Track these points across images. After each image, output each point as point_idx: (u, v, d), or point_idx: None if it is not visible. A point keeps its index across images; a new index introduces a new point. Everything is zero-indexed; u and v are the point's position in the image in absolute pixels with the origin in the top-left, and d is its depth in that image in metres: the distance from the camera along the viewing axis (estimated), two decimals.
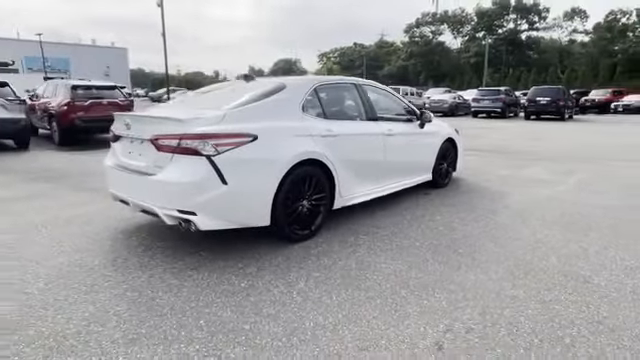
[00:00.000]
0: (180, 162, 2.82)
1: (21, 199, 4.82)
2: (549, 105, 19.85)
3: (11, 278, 2.74)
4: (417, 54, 57.61)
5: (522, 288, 2.65)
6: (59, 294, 2.53)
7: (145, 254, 3.16)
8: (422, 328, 2.19)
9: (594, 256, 3.18)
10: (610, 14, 41.51)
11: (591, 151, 9.24)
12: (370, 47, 71.54)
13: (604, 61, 39.84)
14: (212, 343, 2.04)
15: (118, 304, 2.41)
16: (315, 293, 2.57)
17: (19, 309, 2.35)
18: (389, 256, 3.16)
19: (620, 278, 2.80)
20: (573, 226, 3.89)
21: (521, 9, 50.63)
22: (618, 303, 2.46)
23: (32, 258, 3.07)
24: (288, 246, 3.32)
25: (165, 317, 2.28)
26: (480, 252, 3.25)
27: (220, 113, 2.98)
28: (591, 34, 44.14)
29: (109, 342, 2.04)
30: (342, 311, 2.36)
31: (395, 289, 2.63)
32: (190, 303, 2.43)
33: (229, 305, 2.41)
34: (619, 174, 6.50)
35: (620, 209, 4.48)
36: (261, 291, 2.59)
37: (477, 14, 53.92)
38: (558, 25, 50.32)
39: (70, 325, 2.19)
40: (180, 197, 2.81)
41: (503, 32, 51.64)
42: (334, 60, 76.49)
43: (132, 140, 3.25)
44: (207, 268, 2.91)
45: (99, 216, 4.12)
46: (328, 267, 2.96)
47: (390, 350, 2.00)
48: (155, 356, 1.94)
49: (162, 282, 2.70)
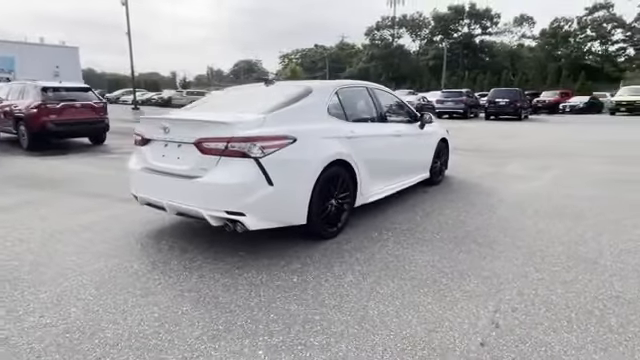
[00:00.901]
0: (228, 164, 2.89)
1: (20, 207, 4.61)
2: (507, 106, 21.14)
3: (59, 285, 2.70)
4: (378, 56, 59.00)
5: (544, 272, 2.96)
6: (116, 298, 2.53)
7: (183, 257, 3.19)
8: (474, 310, 2.43)
9: (592, 241, 3.58)
10: (554, 21, 44.78)
11: (556, 148, 10.03)
12: (331, 49, 72.39)
13: (550, 65, 42.84)
14: (292, 334, 2.17)
15: (182, 304, 2.47)
16: (365, 285, 2.74)
17: (84, 314, 2.34)
18: (417, 249, 3.39)
19: (621, 259, 3.19)
20: (566, 216, 4.31)
21: (474, 14, 53.32)
22: (627, 280, 2.83)
23: (67, 266, 3.02)
24: (319, 243, 3.47)
25: (235, 314, 2.37)
26: (496, 242, 3.56)
27: (261, 116, 3.09)
28: (538, 39, 47.35)
29: (193, 339, 2.11)
30: (397, 299, 2.55)
31: (435, 278, 2.86)
32: (252, 300, 2.53)
33: (291, 299, 2.53)
34: (588, 169, 7.16)
35: (601, 199, 4.99)
36: (314, 285, 2.73)
37: (434, 18, 56.16)
38: (509, 30, 53.62)
39: (144, 326, 2.23)
40: (229, 198, 2.88)
41: (459, 36, 54.14)
42: (296, 61, 76.67)
43: (166, 144, 3.27)
44: (252, 267, 3.00)
45: (113, 222, 4.05)
46: (366, 261, 3.14)
47: (456, 330, 2.22)
48: (244, 348, 2.04)
49: (215, 282, 2.77)
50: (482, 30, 54.17)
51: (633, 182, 5.99)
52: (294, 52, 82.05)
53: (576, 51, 42.87)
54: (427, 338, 2.14)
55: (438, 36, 57.65)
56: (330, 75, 64.02)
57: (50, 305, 2.45)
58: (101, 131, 10.32)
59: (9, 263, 3.06)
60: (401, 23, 60.12)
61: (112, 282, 2.76)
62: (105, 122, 10.20)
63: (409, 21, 59.47)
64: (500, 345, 2.09)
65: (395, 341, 2.11)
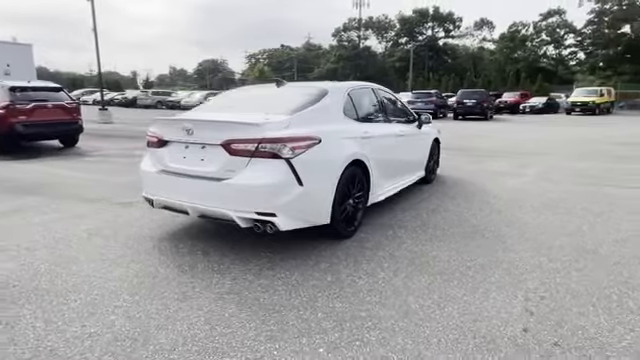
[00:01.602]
0: (258, 165, 2.89)
1: (10, 214, 4.35)
2: (475, 107, 22.04)
3: (87, 293, 2.60)
4: (346, 57, 59.63)
5: (556, 262, 3.17)
6: (155, 304, 2.48)
7: (208, 260, 3.15)
8: (506, 300, 2.57)
9: (588, 233, 3.86)
10: (512, 26, 47.09)
11: (527, 147, 10.59)
12: (298, 49, 72.40)
13: (509, 67, 44.97)
14: (345, 331, 2.22)
15: (225, 307, 2.45)
16: (398, 280, 2.83)
17: (127, 322, 2.28)
18: (434, 245, 3.52)
19: (617, 248, 3.46)
20: (558, 210, 4.61)
21: (438, 18, 55.09)
22: (629, 267, 3.08)
23: (88, 273, 2.91)
24: (339, 243, 3.52)
25: (282, 314, 2.38)
26: (503, 236, 3.76)
27: (287, 117, 3.10)
28: (498, 43, 49.57)
29: (250, 341, 2.11)
30: (433, 293, 2.65)
31: (461, 271, 2.99)
32: (294, 299, 2.55)
33: (332, 297, 2.58)
34: (562, 166, 7.63)
35: (582, 194, 5.36)
36: (349, 283, 2.79)
37: (399, 21, 57.48)
38: (470, 34, 55.89)
39: (196, 330, 2.20)
40: (260, 199, 2.88)
41: (423, 39, 55.71)
42: (263, 61, 76.02)
43: (187, 145, 3.21)
44: (282, 267, 3.02)
45: (119, 226, 3.92)
46: (390, 258, 3.23)
47: (496, 319, 2.35)
48: (304, 347, 2.07)
49: (250, 283, 2.76)
50: (445, 33, 56.11)
51: (604, 178, 6.47)
52: (261, 52, 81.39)
53: (533, 54, 45.31)
54: (474, 327, 2.26)
55: (403, 38, 59.05)
56: (298, 76, 64.06)
57: (87, 314, 2.36)
58: (75, 133, 9.86)
59: (23, 273, 2.90)
60: (367, 25, 61.10)
61: (143, 288, 2.69)
62: (79, 124, 9.75)
63: (375, 23, 60.54)
64: (540, 330, 2.23)
65: (445, 332, 2.21)
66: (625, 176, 6.61)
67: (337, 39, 62.40)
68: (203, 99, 32.44)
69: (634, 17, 35.99)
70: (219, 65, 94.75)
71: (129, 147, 10.21)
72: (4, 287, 2.68)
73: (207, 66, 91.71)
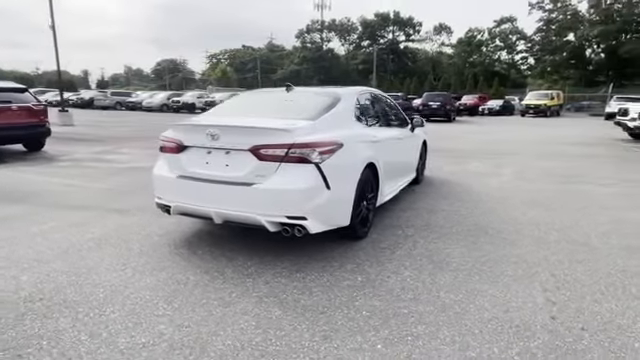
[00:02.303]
0: (288, 170, 2.94)
1: (4, 222, 4.09)
2: (439, 109, 22.94)
3: (122, 303, 2.54)
4: (309, 59, 59.86)
5: (557, 255, 3.45)
6: (198, 311, 2.47)
7: (233, 264, 3.16)
8: (527, 291, 2.79)
9: (575, 227, 4.21)
10: (469, 31, 49.35)
11: (495, 148, 11.22)
12: (261, 50, 71.75)
13: (467, 71, 47.09)
14: (394, 327, 2.33)
15: (270, 310, 2.49)
16: (424, 278, 2.98)
17: (177, 330, 2.26)
18: (445, 243, 3.72)
19: (605, 240, 3.81)
20: (542, 207, 4.97)
21: (399, 22, 56.65)
22: (621, 257, 3.41)
23: (115, 283, 2.83)
24: (355, 244, 3.63)
25: (328, 314, 2.46)
26: (504, 232, 4.02)
27: (311, 123, 3.18)
28: (455, 47, 51.77)
29: (308, 342, 2.17)
30: (461, 288, 2.82)
31: (478, 267, 3.19)
32: (334, 300, 2.63)
33: (370, 296, 2.68)
34: (532, 165, 8.17)
35: (559, 192, 5.80)
36: (380, 282, 2.90)
37: (362, 24, 58.51)
38: (429, 38, 57.85)
39: (250, 334, 2.23)
40: (291, 203, 2.93)
41: (385, 42, 57.08)
42: (225, 62, 74.70)
43: (210, 151, 3.19)
44: (310, 269, 3.08)
45: (127, 234, 3.82)
46: (409, 257, 3.38)
47: (524, 309, 2.55)
48: (363, 344, 2.16)
49: (285, 286, 2.81)
50: (406, 37, 57.77)
51: (570, 176, 7.02)
52: (222, 52, 79.83)
53: (488, 59, 47.75)
54: (507, 318, 2.44)
55: (366, 41, 60.15)
56: (261, 77, 63.55)
57: (131, 324, 2.31)
58: (42, 137, 9.33)
59: (44, 285, 2.78)
60: (331, 27, 61.69)
61: (180, 295, 2.66)
62: (46, 127, 9.23)
63: (338, 26, 61.25)
64: (566, 317, 2.45)
65: (484, 323, 2.38)
66: (587, 174, 7.20)
67: (301, 40, 62.58)
68: (166, 99, 31.51)
69: (577, 26, 38.91)
70: (179, 65, 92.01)
71: (98, 151, 9.81)
72: (30, 301, 2.56)
73: (166, 66, 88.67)
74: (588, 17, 38.33)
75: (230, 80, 60.42)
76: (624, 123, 13.01)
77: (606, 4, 37.30)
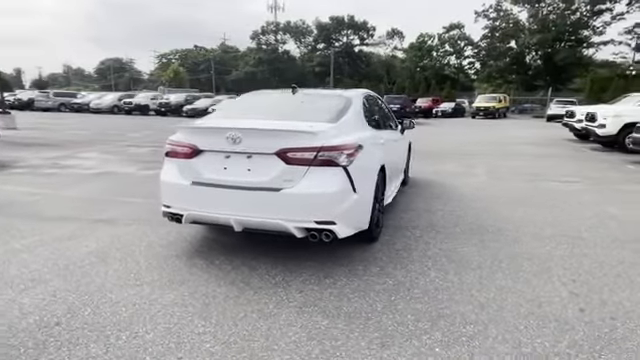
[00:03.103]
0: (317, 174, 2.86)
1: None
2: (399, 111, 23.52)
3: (153, 323, 2.34)
4: (265, 61, 59.35)
5: (560, 249, 3.65)
6: (241, 325, 2.34)
7: (257, 274, 3.03)
8: (549, 285, 2.92)
9: (565, 223, 4.48)
10: (420, 36, 51.29)
11: (461, 148, 11.73)
12: (215, 51, 70.03)
13: (418, 74, 48.90)
14: (444, 328, 2.34)
15: (315, 319, 2.41)
16: (451, 277, 3.03)
17: (227, 348, 2.12)
18: (454, 242, 3.80)
19: (595, 233, 4.09)
20: (527, 204, 5.25)
21: (353, 26, 57.71)
22: (615, 249, 3.68)
23: (137, 301, 2.61)
24: (369, 246, 3.61)
25: (375, 320, 2.42)
26: (503, 230, 4.19)
27: (334, 125, 3.12)
28: (407, 51, 53.61)
29: (367, 349, 2.13)
30: (489, 285, 2.90)
31: (495, 264, 3.30)
32: (375, 305, 2.60)
33: (409, 300, 2.68)
34: (500, 165, 8.63)
35: (534, 190, 6.17)
36: (411, 284, 2.91)
37: (317, 27, 58.93)
38: (383, 42, 59.44)
39: (307, 347, 2.14)
40: (320, 208, 2.86)
41: (340, 45, 57.89)
42: (176, 62, 72.01)
43: (228, 155, 3.03)
44: (338, 275, 3.03)
45: (125, 246, 3.55)
46: (428, 257, 3.42)
47: (554, 303, 2.66)
48: (420, 348, 2.15)
49: (320, 294, 2.74)
50: (360, 41, 58.98)
51: (536, 174, 7.50)
52: (173, 52, 76.92)
53: (438, 63, 49.94)
54: (542, 312, 2.54)
55: (321, 44, 60.64)
56: (216, 78, 62.03)
57: (173, 345, 2.14)
58: None
59: (54, 308, 2.50)
60: (286, 29, 61.54)
61: (213, 310, 2.51)
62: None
63: (293, 28, 61.23)
64: (593, 308, 2.60)
65: (525, 319, 2.46)
66: (550, 173, 7.73)
67: (256, 42, 61.81)
68: (117, 101, 29.79)
69: (518, 34, 41.80)
70: (125, 65, 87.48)
71: (55, 156, 9.06)
72: (45, 326, 2.29)
73: (111, 65, 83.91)
74: (528, 26, 41.30)
75: (183, 81, 58.28)
76: (571, 124, 14.12)
77: (542, 14, 40.38)
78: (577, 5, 39.29)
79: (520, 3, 40.99)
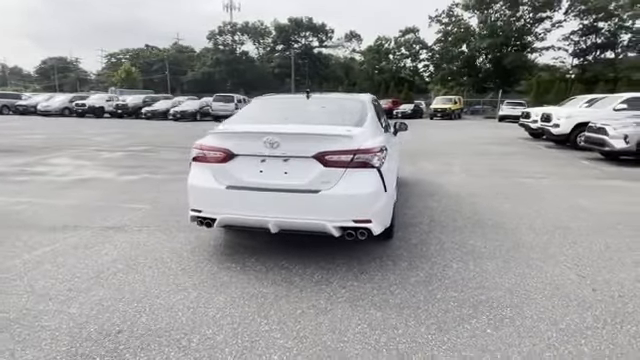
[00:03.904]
0: (354, 175, 3.02)
1: None
2: None
3: (220, 324, 2.39)
4: (223, 62, 58.22)
5: (555, 238, 4.05)
6: (304, 322, 2.46)
7: (296, 273, 3.14)
8: (558, 270, 3.27)
9: (549, 214, 4.94)
10: (378, 39, 52.67)
11: (433, 148, 12.31)
12: (168, 51, 67.69)
13: (377, 77, 50.20)
14: (487, 313, 2.59)
15: (369, 312, 2.57)
16: (472, 267, 3.31)
17: (300, 343, 2.23)
18: (462, 235, 4.11)
19: (579, 223, 4.56)
20: (511, 199, 5.71)
21: (312, 28, 58.08)
22: (600, 236, 4.14)
23: (188, 305, 2.64)
24: (387, 243, 3.82)
25: (424, 309, 2.63)
26: (500, 223, 4.56)
27: (362, 129, 3.30)
28: (365, 54, 54.83)
29: (427, 334, 2.32)
30: (509, 272, 3.20)
31: (505, 253, 3.62)
32: (417, 295, 2.81)
33: (445, 289, 2.91)
34: (473, 162, 9.20)
35: (511, 185, 6.69)
36: (442, 275, 3.15)
37: (275, 28, 58.70)
38: (342, 45, 60.33)
39: (374, 337, 2.30)
40: (358, 208, 3.02)
41: (299, 47, 58.07)
42: (127, 62, 68.84)
43: (264, 159, 3.11)
44: (372, 270, 3.21)
45: (150, 252, 3.51)
46: (445, 250, 3.68)
47: (569, 285, 3.00)
48: (475, 330, 2.37)
49: (363, 288, 2.90)
50: (319, 43, 59.47)
51: (508, 171, 8.11)
52: (123, 52, 73.44)
53: (395, 66, 51.55)
54: (562, 293, 2.87)
55: (280, 45, 60.48)
56: (171, 79, 59.99)
57: (248, 344, 2.23)
58: None
59: (107, 316, 2.47)
60: (244, 30, 60.73)
61: (270, 309, 2.60)
62: None
63: (251, 29, 60.56)
64: (602, 288, 2.96)
65: (550, 300, 2.77)
66: (520, 169, 8.38)
67: (213, 42, 60.46)
68: (68, 102, 28.07)
69: (469, 39, 44.09)
70: (69, 64, 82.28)
71: (20, 163, 8.54)
72: (110, 334, 2.27)
73: (54, 65, 78.64)
74: (478, 31, 43.63)
75: (135, 81, 55.85)
76: (527, 125, 15.24)
77: (491, 20, 42.88)
78: (521, 13, 42.11)
79: (470, 9, 43.20)
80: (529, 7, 41.26)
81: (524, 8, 41.68)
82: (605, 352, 2.20)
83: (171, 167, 8.14)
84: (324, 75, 55.51)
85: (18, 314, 2.48)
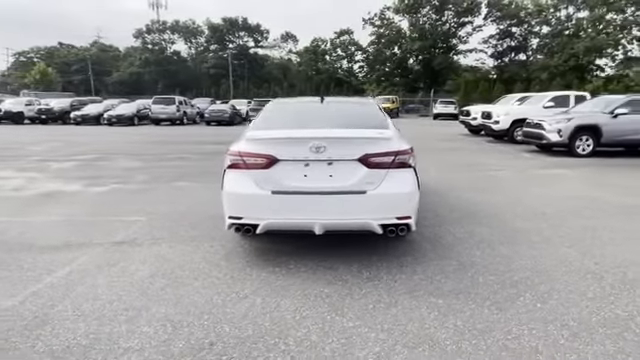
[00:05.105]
0: (395, 175, 3.22)
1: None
2: None
3: (310, 329, 2.46)
4: (152, 62, 55.16)
5: (542, 223, 4.61)
6: (381, 317, 2.61)
7: (346, 272, 3.27)
8: (561, 250, 3.77)
9: (524, 202, 5.58)
10: (314, 40, 53.49)
11: None
12: (89, 50, 62.39)
13: (315, 78, 50.98)
14: (529, 290, 2.94)
15: (432, 301, 2.81)
16: (489, 251, 3.68)
17: (389, 334, 2.39)
18: (464, 226, 4.50)
19: (554, 209, 5.21)
20: (485, 190, 6.32)
21: (247, 28, 57.22)
22: (570, 217, 4.79)
23: (259, 311, 2.67)
24: (407, 238, 4.08)
25: (475, 293, 2.91)
26: (492, 214, 5.05)
27: (391, 131, 3.51)
28: (302, 55, 55.37)
29: (489, 315, 2.61)
30: (524, 256, 3.62)
31: (511, 239, 4.06)
32: (465, 281, 3.10)
33: (481, 273, 3.24)
34: (434, 159, 9.87)
35: (483, 179, 7.38)
36: (470, 263, 3.47)
37: (209, 28, 56.91)
38: (278, 45, 60.17)
39: (449, 323, 2.53)
40: (400, 205, 3.24)
41: (234, 47, 56.85)
42: (40, 61, 62.28)
43: (307, 163, 3.20)
44: (414, 264, 3.45)
45: (186, 263, 3.43)
46: (459, 240, 4.04)
47: (575, 261, 3.49)
48: (525, 307, 2.70)
49: (412, 280, 3.13)
50: (255, 43, 58.77)
51: (469, 165, 8.91)
52: (34, 50, 66.28)
53: (332, 67, 52.79)
54: (574, 268, 3.33)
55: (214, 45, 58.74)
56: (94, 80, 55.43)
57: (344, 340, 2.33)
58: None
59: (188, 330, 2.42)
60: (174, 29, 58.07)
61: (341, 307, 2.72)
62: None
63: (182, 27, 58.11)
64: (602, 262, 3.49)
65: (569, 275, 3.21)
66: (478, 163, 9.20)
67: (141, 41, 57.00)
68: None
69: (401, 41, 46.57)
70: None
71: None
72: (204, 348, 2.24)
73: None
74: (409, 34, 46.25)
75: (52, 83, 50.78)
76: (468, 122, 16.59)
77: (420, 24, 45.68)
78: (446, 17, 45.40)
79: (401, 13, 45.64)
80: (453, 12, 44.58)
81: (449, 13, 44.96)
82: (633, 312, 2.64)
83: (137, 176, 7.72)
84: (261, 76, 54.98)
85: (87, 339, 2.33)
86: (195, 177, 7.53)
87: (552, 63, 37.73)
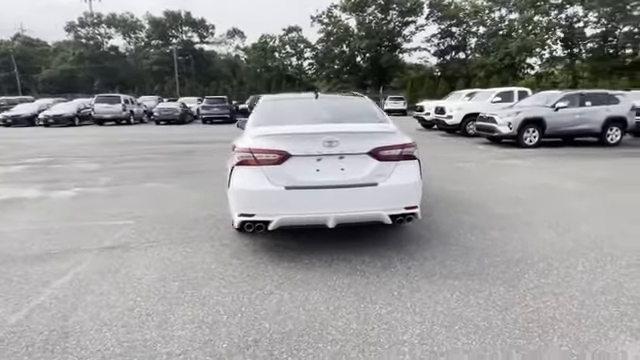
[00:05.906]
0: (402, 167, 3.35)
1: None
2: None
3: (345, 323, 2.51)
4: (88, 57, 51.41)
5: (521, 208, 5.00)
6: (409, 302, 2.72)
7: (357, 263, 3.35)
8: (546, 232, 4.13)
9: (499, 190, 6.02)
10: (262, 37, 52.76)
11: None
12: (12, 44, 56.71)
13: (264, 74, 50.40)
14: (547, 272, 3.21)
15: (449, 282, 2.98)
16: (497, 235, 3.95)
17: (421, 316, 2.50)
18: (469, 216, 4.77)
19: (528, 195, 5.67)
20: (462, 181, 6.71)
21: (191, 23, 55.02)
22: (545, 203, 5.26)
23: (292, 306, 2.67)
24: (407, 227, 4.26)
25: (487, 274, 3.13)
26: (479, 203, 5.38)
27: (393, 125, 3.63)
28: (251, 52, 54.41)
29: (504, 292, 2.82)
30: (527, 240, 3.92)
31: (501, 224, 4.37)
32: (471, 265, 3.30)
33: (490, 258, 3.46)
34: None
35: (460, 170, 7.81)
36: (486, 247, 3.70)
37: (150, 22, 54.06)
38: (224, 41, 58.55)
39: (475, 307, 2.70)
40: (408, 196, 3.38)
41: (178, 42, 54.48)
42: None
43: (319, 158, 3.22)
44: (419, 250, 3.61)
45: (194, 265, 3.33)
46: (463, 227, 4.28)
47: (561, 241, 3.85)
48: (545, 285, 2.95)
49: (423, 266, 3.29)
50: (200, 39, 56.74)
51: (434, 157, 9.36)
52: None
53: (282, 64, 52.48)
54: (579, 246, 3.68)
55: (155, 40, 55.93)
56: (20, 77, 50.54)
57: (385, 326, 2.42)
58: None
59: (225, 330, 2.38)
60: (110, 22, 54.49)
61: (368, 295, 2.80)
62: None
63: (120, 21, 54.69)
64: (580, 238, 3.89)
65: (570, 253, 3.53)
66: (441, 156, 9.71)
67: (74, 35, 52.85)
68: None
69: (349, 39, 47.38)
70: None
71: None
72: (250, 346, 2.22)
73: None
74: (357, 32, 47.14)
75: None
76: (421, 117, 17.33)
77: (367, 22, 46.74)
78: (391, 16, 46.84)
79: (348, 11, 46.39)
80: (397, 12, 46.11)
81: (393, 12, 46.43)
82: (620, 279, 2.99)
83: (100, 179, 7.25)
84: (208, 73, 53.26)
85: (121, 347, 2.20)
86: (166, 178, 7.22)
87: (489, 61, 40.35)
